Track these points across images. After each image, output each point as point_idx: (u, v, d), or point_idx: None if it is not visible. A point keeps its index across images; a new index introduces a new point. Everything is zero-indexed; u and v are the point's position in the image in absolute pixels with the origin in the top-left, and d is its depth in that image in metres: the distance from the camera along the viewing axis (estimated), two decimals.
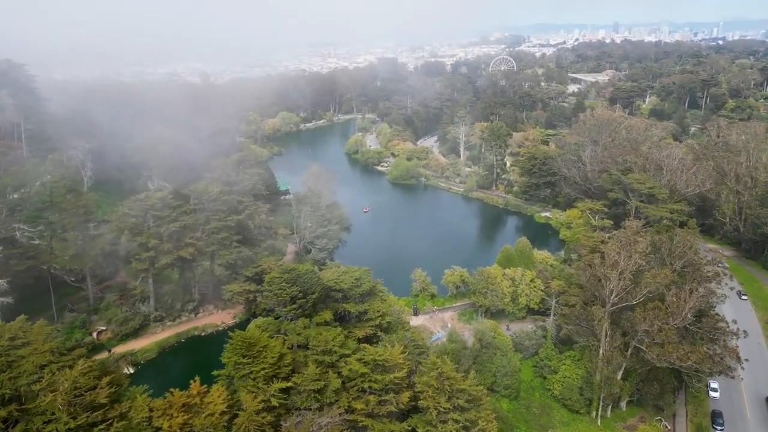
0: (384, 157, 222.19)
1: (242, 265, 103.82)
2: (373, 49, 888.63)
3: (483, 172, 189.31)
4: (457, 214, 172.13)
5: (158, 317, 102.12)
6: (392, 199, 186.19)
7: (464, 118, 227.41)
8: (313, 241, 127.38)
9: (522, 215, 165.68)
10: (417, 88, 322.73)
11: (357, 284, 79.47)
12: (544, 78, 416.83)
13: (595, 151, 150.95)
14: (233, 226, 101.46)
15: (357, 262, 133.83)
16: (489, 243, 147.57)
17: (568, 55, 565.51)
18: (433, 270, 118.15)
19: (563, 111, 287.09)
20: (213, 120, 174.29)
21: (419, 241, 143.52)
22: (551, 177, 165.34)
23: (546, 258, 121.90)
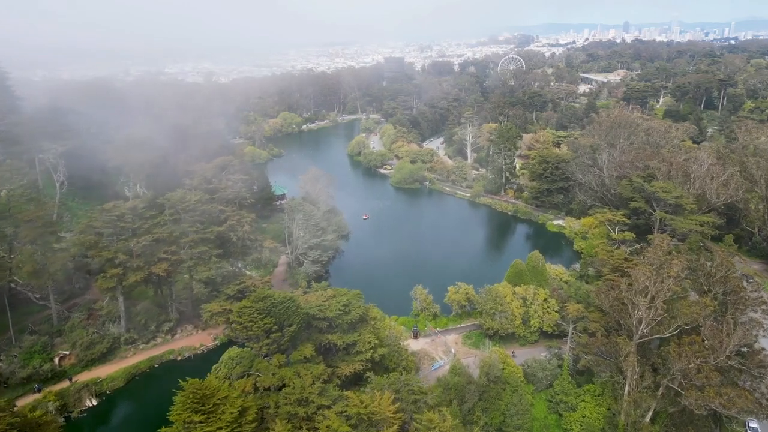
0: (387, 159, 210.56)
1: (223, 282, 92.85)
2: (381, 48, 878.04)
3: (491, 176, 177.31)
4: (462, 221, 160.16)
5: (130, 339, 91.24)
6: (394, 204, 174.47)
7: (471, 119, 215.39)
8: (306, 252, 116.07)
9: (533, 223, 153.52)
10: (423, 88, 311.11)
11: (345, 311, 68.02)
12: (554, 78, 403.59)
13: (612, 155, 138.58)
14: (212, 239, 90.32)
15: (353, 275, 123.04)
16: (497, 254, 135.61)
17: (578, 55, 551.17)
18: (436, 285, 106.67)
19: (574, 112, 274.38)
20: (206, 120, 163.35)
21: (421, 252, 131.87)
22: (564, 182, 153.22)
23: (560, 273, 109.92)
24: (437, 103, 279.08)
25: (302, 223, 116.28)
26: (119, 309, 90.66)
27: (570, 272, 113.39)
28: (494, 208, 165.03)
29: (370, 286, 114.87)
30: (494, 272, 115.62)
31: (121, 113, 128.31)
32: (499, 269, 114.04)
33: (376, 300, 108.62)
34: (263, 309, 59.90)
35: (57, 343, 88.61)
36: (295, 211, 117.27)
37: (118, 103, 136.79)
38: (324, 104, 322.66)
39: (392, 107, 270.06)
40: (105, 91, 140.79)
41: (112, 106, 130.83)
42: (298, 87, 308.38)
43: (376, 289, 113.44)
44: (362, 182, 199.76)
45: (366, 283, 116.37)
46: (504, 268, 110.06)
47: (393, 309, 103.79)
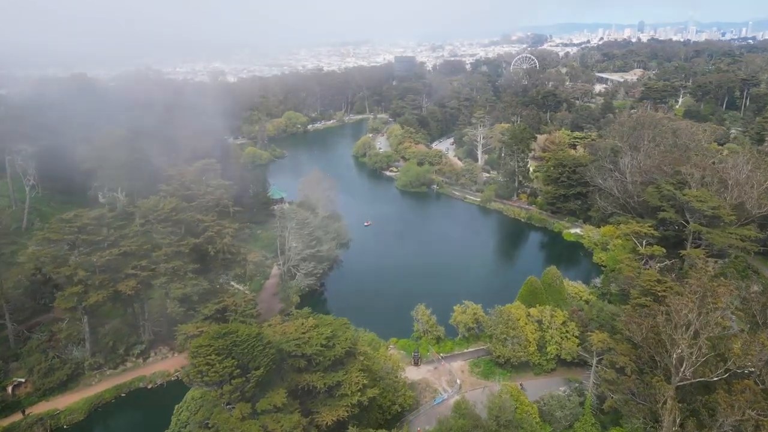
0: (393, 160, 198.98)
1: (200, 301, 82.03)
2: (393, 48, 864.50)
3: (503, 179, 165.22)
4: (471, 228, 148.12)
5: (95, 364, 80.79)
6: (399, 209, 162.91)
7: (483, 119, 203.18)
8: (299, 264, 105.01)
9: (547, 231, 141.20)
10: (433, 87, 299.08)
11: (328, 345, 56.71)
12: (568, 77, 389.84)
13: (636, 159, 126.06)
14: (187, 252, 79.41)
15: (350, 289, 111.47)
16: (509, 266, 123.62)
17: (593, 54, 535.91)
18: (441, 303, 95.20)
19: (590, 112, 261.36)
20: (202, 119, 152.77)
21: (426, 264, 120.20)
22: (582, 187, 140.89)
23: (580, 291, 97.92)
24: (447, 103, 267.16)
25: (295, 231, 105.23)
26: (83, 330, 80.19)
27: (590, 289, 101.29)
28: (506, 215, 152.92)
29: (368, 303, 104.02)
30: (506, 288, 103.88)
31: (106, 112, 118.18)
32: (512, 285, 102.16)
33: (374, 318, 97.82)
34: (223, 348, 48.75)
35: (12, 369, 78.38)
36: (288, 219, 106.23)
37: (103, 102, 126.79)
38: (331, 104, 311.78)
39: (400, 107, 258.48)
40: (89, 88, 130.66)
41: (97, 105, 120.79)
42: (304, 86, 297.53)
43: (374, 306, 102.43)
44: (366, 185, 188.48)
45: (364, 299, 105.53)
46: (516, 283, 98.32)
47: (392, 329, 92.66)
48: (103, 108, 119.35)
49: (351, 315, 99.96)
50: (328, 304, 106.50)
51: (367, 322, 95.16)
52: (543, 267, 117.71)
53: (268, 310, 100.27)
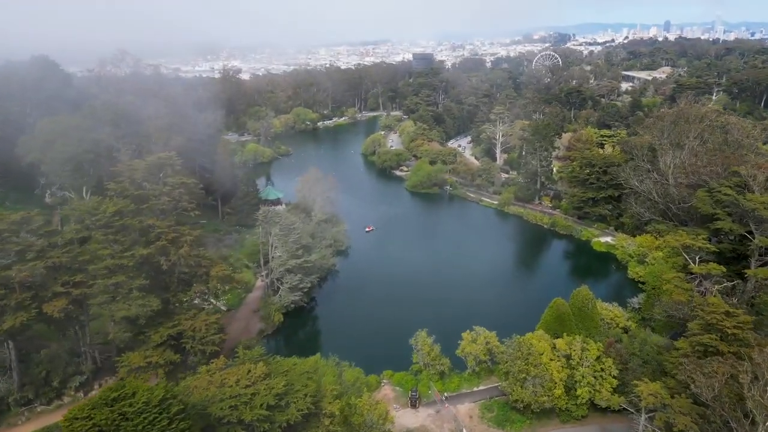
0: (404, 159, 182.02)
1: (150, 325, 66.53)
2: (413, 48, 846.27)
3: (523, 180, 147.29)
4: (487, 235, 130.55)
5: (23, 399, 65.71)
6: (406, 212, 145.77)
7: (502, 115, 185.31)
8: (284, 276, 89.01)
9: (574, 239, 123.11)
10: (451, 83, 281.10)
11: (279, 406, 40.43)
12: (593, 75, 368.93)
13: (679, 158, 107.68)
14: (132, 265, 63.82)
15: (342, 306, 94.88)
16: (530, 282, 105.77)
17: (618, 52, 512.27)
18: (447, 326, 78.90)
19: (618, 110, 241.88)
20: (197, 114, 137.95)
21: (432, 278, 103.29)
22: (614, 190, 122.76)
23: (617, 316, 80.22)
24: (465, 99, 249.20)
25: (280, 238, 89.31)
26: (8, 358, 65.16)
27: (629, 313, 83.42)
28: (527, 220, 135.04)
29: (362, 324, 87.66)
30: (526, 311, 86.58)
31: (71, 100, 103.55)
32: (533, 307, 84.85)
33: (368, 343, 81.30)
34: (108, 424, 32.72)
35: None
36: (272, 224, 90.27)
37: (70, 89, 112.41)
38: (343, 100, 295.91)
39: (414, 103, 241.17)
40: (54, 73, 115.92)
41: (62, 92, 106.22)
42: (315, 82, 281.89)
43: (369, 328, 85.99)
44: (374, 185, 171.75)
45: (358, 319, 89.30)
46: (539, 305, 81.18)
47: (389, 358, 76.43)
48: (70, 96, 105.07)
49: (340, 339, 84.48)
50: (316, 325, 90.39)
51: (359, 348, 79.13)
52: (569, 282, 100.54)
53: (243, 332, 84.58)
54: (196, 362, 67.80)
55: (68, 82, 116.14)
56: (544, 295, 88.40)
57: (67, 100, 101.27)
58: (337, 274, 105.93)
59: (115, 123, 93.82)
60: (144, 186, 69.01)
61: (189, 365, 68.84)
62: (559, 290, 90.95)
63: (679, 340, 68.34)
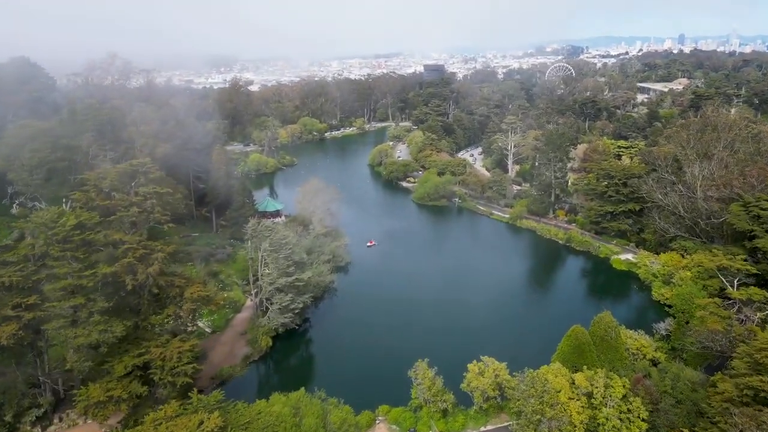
0: (411, 170, 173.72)
1: (114, 353, 58.62)
2: (425, 60, 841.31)
3: (536, 193, 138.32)
4: (497, 251, 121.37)
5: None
6: (412, 226, 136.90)
7: (514, 125, 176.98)
8: (273, 295, 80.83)
9: (591, 256, 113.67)
10: (461, 93, 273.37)
11: None
12: (607, 87, 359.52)
13: (708, 169, 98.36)
14: (92, 286, 56.04)
15: (338, 329, 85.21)
16: (545, 304, 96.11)
17: (633, 64, 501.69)
18: (453, 354, 70.61)
19: (634, 121, 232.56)
20: (196, 124, 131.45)
21: (436, 298, 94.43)
22: (634, 203, 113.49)
23: (643, 345, 70.83)
24: (476, 110, 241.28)
25: (269, 254, 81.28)
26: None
27: (657, 342, 73.95)
28: (540, 235, 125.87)
29: (358, 350, 78.92)
30: (541, 338, 77.70)
31: (51, 103, 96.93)
32: (548, 333, 75.95)
33: (364, 373, 72.85)
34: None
35: None
36: (261, 238, 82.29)
37: (52, 92, 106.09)
38: (352, 111, 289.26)
39: (424, 113, 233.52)
40: (34, 75, 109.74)
41: (45, 95, 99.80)
42: (323, 92, 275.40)
43: (365, 356, 77.33)
44: (379, 197, 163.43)
45: (354, 344, 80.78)
46: (555, 332, 72.25)
47: (385, 390, 67.53)
48: (51, 99, 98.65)
49: (333, 367, 75.60)
50: (308, 350, 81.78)
51: (353, 379, 70.82)
52: (588, 305, 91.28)
53: (227, 358, 76.34)
54: (166, 395, 59.77)
55: (52, 86, 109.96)
56: (560, 319, 79.39)
57: (49, 104, 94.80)
58: (334, 293, 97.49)
59: (98, 129, 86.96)
60: (112, 196, 61.57)
61: (158, 399, 60.67)
62: (576, 314, 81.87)
63: (716, 375, 59.25)
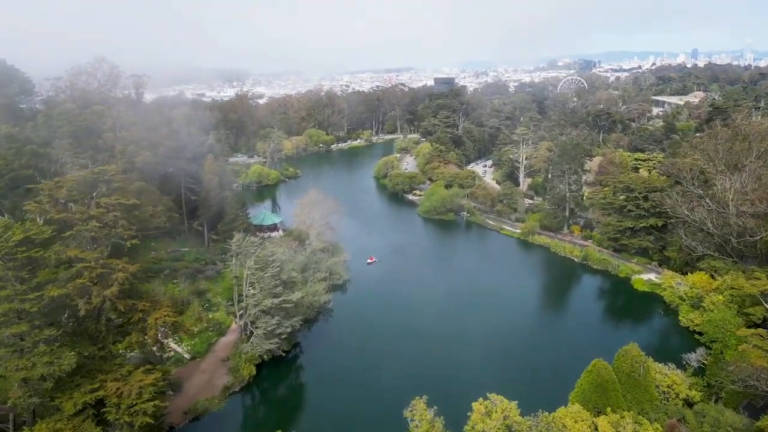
0: (418, 182, 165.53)
1: (67, 386, 50.67)
2: (436, 74, 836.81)
3: (549, 207, 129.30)
4: (507, 270, 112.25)
5: None
6: (416, 241, 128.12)
7: (526, 136, 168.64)
8: (258, 318, 72.61)
9: (610, 276, 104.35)
10: (471, 105, 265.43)
11: None
12: (621, 100, 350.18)
13: (739, 182, 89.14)
14: (36, 311, 48.25)
15: (330, 356, 77.02)
16: (561, 331, 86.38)
17: (647, 77, 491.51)
18: (455, 390, 61.69)
19: (651, 133, 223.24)
20: (193, 134, 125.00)
21: (439, 325, 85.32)
22: (656, 219, 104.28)
23: (675, 382, 61.27)
24: (486, 122, 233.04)
25: (254, 273, 73.22)
26: None
27: (689, 377, 64.46)
28: (554, 252, 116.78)
29: (350, 381, 70.05)
30: (557, 371, 68.49)
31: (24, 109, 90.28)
32: (565, 366, 66.95)
33: (355, 411, 64.01)
34: None
35: None
36: (246, 255, 74.32)
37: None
38: (360, 123, 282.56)
39: (432, 124, 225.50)
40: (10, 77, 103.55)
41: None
42: (330, 103, 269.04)
43: (358, 389, 68.60)
44: (384, 210, 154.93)
45: (346, 375, 71.98)
46: (572, 364, 63.33)
47: (381, 428, 58.95)
48: (31, 103, 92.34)
49: (321, 402, 66.46)
50: (296, 379, 73.18)
51: (343, 418, 62.15)
52: (608, 332, 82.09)
53: (204, 388, 67.95)
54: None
55: (30, 90, 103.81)
56: (578, 349, 70.71)
57: (27, 109, 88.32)
58: (330, 314, 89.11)
59: (74, 135, 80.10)
60: (70, 207, 54.11)
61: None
62: (596, 343, 73.04)
63: (762, 419, 50.35)
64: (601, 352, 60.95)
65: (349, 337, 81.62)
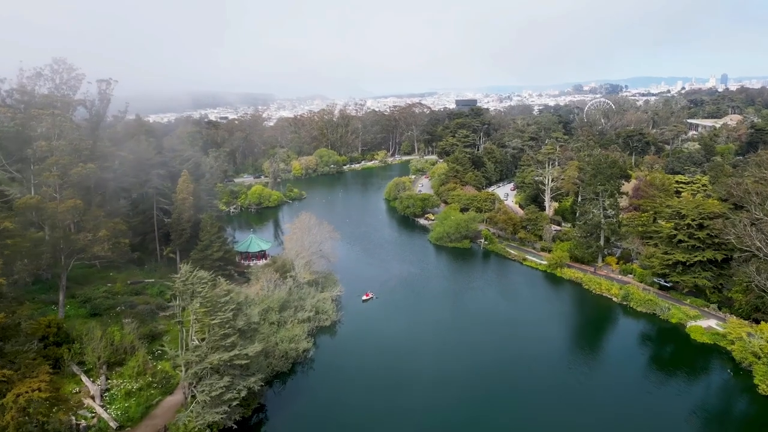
0: (431, 205, 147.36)
1: None
2: (460, 99, 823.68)
3: (580, 234, 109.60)
4: (532, 312, 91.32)
5: None
6: (424, 273, 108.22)
7: (552, 156, 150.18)
8: (203, 378, 55.03)
9: (658, 321, 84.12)
10: (493, 125, 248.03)
11: None
12: (651, 122, 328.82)
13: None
14: None
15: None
16: (600, 392, 66.02)
17: (679, 100, 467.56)
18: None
19: (690, 155, 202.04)
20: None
21: (444, 387, 66.01)
22: (714, 251, 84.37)
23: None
24: (509, 142, 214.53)
25: (199, 319, 55.94)
26: None
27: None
28: (587, 289, 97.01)
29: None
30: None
31: None
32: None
33: None
34: None
35: None
36: (192, 295, 57.05)
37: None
38: (375, 143, 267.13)
39: (450, 144, 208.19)
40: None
41: None
42: (343, 122, 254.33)
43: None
44: (391, 236, 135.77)
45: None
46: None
47: None
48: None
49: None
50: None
51: None
52: (662, 396, 62.00)
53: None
54: None
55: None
56: (625, 417, 51.11)
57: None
58: (310, 365, 71.17)
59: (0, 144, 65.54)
60: None
61: None
62: (648, 407, 53.45)
63: None
64: (653, 419, 41.95)
65: (328, 400, 63.09)
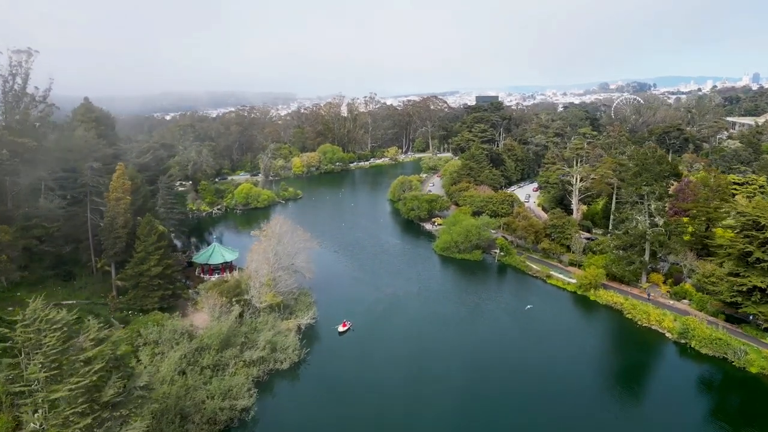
0: (440, 207, 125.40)
1: None
2: (480, 96, 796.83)
3: (618, 245, 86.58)
4: (559, 351, 68.27)
5: None
6: (423, 293, 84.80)
7: (581, 152, 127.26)
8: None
9: (729, 368, 61.24)
10: (514, 120, 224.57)
11: None
12: (687, 119, 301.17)
13: None
14: None
15: None
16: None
17: (713, 97, 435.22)
18: None
19: (736, 153, 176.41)
20: None
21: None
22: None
23: None
24: (531, 138, 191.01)
25: (38, 390, 35.68)
26: None
27: None
28: (629, 318, 74.21)
29: None
30: None
31: None
32: None
33: None
34: None
35: None
36: (33, 345, 36.85)
37: None
38: (387, 139, 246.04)
39: (465, 139, 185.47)
40: None
41: None
42: (351, 117, 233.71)
43: None
44: (389, 245, 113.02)
45: None
46: None
47: None
48: None
49: None
50: None
51: None
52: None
53: None
54: None
55: None
56: None
57: None
58: (255, 426, 50.55)
59: None
60: None
61: None
62: None
63: None
64: None
65: None
